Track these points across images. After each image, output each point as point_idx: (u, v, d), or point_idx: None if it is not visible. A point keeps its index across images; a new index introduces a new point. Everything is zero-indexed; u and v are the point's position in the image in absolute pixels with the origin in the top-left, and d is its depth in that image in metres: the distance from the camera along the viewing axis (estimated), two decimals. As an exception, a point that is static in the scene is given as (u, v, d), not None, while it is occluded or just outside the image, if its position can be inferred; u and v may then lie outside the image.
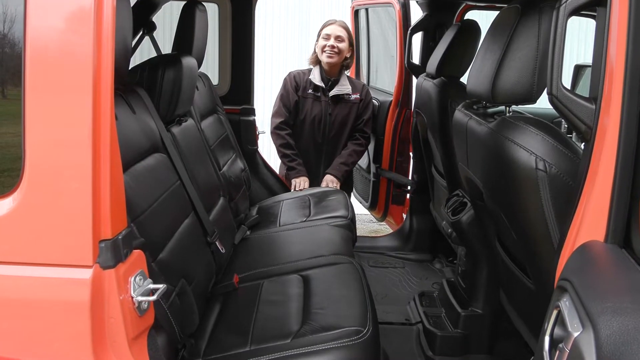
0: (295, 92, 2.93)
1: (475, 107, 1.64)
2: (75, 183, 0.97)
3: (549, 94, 1.09)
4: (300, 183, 2.89)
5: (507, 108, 1.42)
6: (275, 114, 2.96)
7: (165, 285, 1.10)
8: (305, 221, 2.41)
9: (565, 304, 0.78)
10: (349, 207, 2.50)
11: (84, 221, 0.97)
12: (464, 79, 2.38)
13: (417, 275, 2.90)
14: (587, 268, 0.85)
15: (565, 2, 1.05)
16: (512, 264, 1.58)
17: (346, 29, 2.93)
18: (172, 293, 1.44)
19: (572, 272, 0.85)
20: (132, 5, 2.44)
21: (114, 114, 1.44)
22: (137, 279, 1.07)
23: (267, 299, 1.74)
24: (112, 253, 1.00)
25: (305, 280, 1.84)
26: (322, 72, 2.92)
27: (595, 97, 1.05)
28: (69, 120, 0.97)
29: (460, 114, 1.67)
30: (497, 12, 2.88)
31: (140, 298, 1.05)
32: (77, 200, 0.97)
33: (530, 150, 1.22)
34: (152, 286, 1.10)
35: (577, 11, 1.05)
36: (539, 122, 1.28)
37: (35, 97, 0.97)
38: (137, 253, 1.09)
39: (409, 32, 2.93)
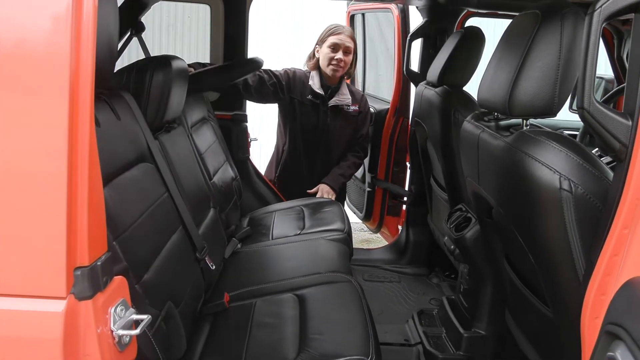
0: (285, 85, 2.75)
1: (486, 118, 1.54)
2: (47, 201, 0.84)
3: (580, 107, 0.99)
4: None
5: (525, 121, 1.32)
6: None
7: (149, 316, 0.97)
8: (299, 234, 2.29)
9: (622, 356, 0.68)
10: (346, 220, 2.39)
11: (56, 245, 0.84)
12: (466, 88, 2.32)
13: (414, 290, 2.79)
14: None
15: (600, 7, 0.95)
16: (524, 287, 1.48)
17: (353, 38, 2.79)
18: (157, 318, 1.31)
19: (625, 316, 0.74)
20: (119, 5, 2.33)
21: (96, 120, 1.33)
22: (118, 309, 0.94)
23: (260, 321, 1.62)
24: (90, 282, 0.87)
25: (301, 300, 1.72)
26: (322, 79, 2.79)
27: (631, 112, 0.96)
28: (41, 127, 0.84)
29: (470, 126, 1.57)
30: (498, 20, 2.86)
31: (121, 332, 0.93)
32: (49, 221, 0.84)
33: (554, 168, 1.12)
34: (135, 317, 0.97)
35: (612, 17, 0.96)
36: (562, 137, 1.18)
37: (1, 100, 0.84)
38: (119, 280, 0.96)
39: (408, 38, 2.84)
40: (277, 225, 2.44)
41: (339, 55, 2.71)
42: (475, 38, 2.20)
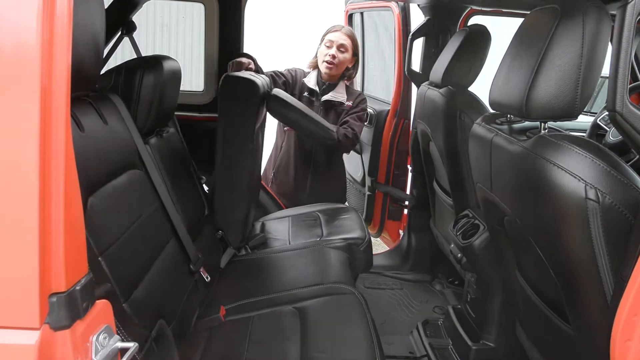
0: (291, 83, 2.71)
1: (498, 121, 1.45)
2: (16, 218, 0.74)
3: (611, 110, 0.90)
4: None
5: (543, 124, 1.22)
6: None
7: (136, 345, 0.87)
8: (319, 241, 2.19)
9: None
10: (365, 228, 2.29)
11: (27, 269, 0.74)
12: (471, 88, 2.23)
13: (416, 297, 2.70)
14: None
15: None
16: (540, 300, 1.39)
17: (351, 37, 2.70)
18: (147, 339, 1.21)
19: None
20: (110, 3, 2.23)
21: (80, 125, 1.24)
22: (101, 338, 0.84)
23: (259, 338, 1.52)
24: (67, 309, 0.77)
25: (302, 314, 1.62)
26: (319, 76, 2.72)
27: None
28: (7, 135, 0.74)
29: (481, 130, 1.47)
30: (502, 18, 2.77)
31: (103, 363, 0.83)
32: (18, 241, 0.74)
33: (579, 176, 1.02)
34: (120, 345, 0.87)
35: (648, 10, 0.87)
36: (586, 142, 1.09)
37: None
38: (102, 304, 0.86)
39: (409, 37, 2.74)
40: (293, 233, 2.34)
41: (332, 51, 2.64)
42: (481, 37, 2.11)
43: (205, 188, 2.47)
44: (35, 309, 0.75)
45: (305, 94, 2.72)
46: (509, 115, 1.44)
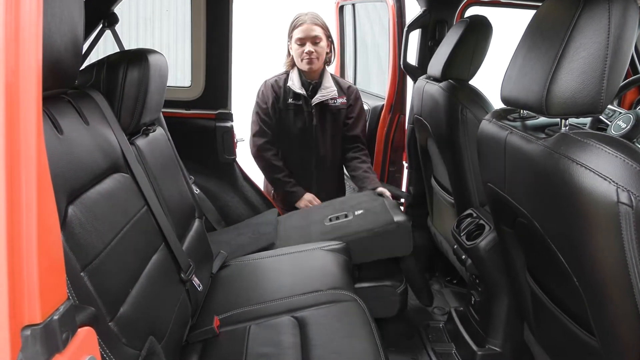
0: (276, 103, 2.56)
1: (510, 117, 1.36)
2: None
3: None
4: (308, 203, 2.57)
5: (564, 121, 1.14)
6: (256, 134, 2.58)
7: None
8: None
9: None
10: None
11: (-6, 300, 0.63)
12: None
13: (414, 297, 2.62)
14: None
15: None
16: (557, 308, 1.31)
17: (320, 24, 2.52)
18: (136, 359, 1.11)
19: None
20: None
21: (58, 127, 1.12)
22: (84, 371, 0.73)
23: (256, 351, 1.42)
24: (44, 343, 0.67)
25: (301, 324, 1.52)
26: (302, 75, 2.56)
27: None
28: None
29: (492, 127, 1.38)
30: (500, 9, 2.69)
31: (87, 401, 0.72)
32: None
33: (609, 178, 0.94)
34: (106, 378, 0.77)
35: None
36: (615, 140, 1.00)
37: None
38: (84, 332, 0.76)
39: (405, 29, 2.65)
40: None
41: (307, 47, 2.47)
42: (482, 28, 2.03)
43: (195, 189, 2.37)
44: (5, 345, 0.64)
45: (290, 100, 2.55)
46: (521, 111, 1.35)
